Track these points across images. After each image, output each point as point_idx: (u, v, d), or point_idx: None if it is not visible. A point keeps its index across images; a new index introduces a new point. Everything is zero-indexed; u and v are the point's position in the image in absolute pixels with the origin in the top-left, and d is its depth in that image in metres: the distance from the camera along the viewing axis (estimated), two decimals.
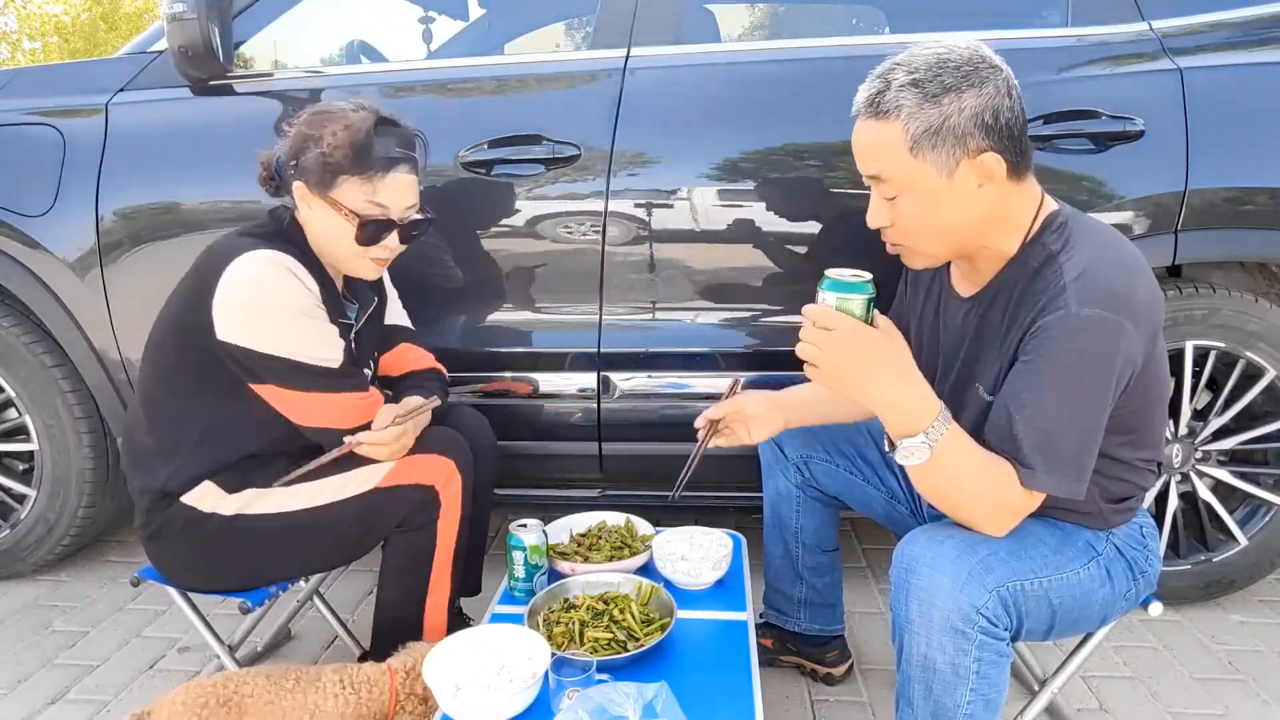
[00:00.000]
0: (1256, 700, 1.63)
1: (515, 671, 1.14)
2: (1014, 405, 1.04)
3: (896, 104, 1.04)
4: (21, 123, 1.88)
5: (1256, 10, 1.71)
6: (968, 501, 1.07)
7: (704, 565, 1.42)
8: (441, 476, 1.39)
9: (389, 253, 1.40)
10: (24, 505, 2.04)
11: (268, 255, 1.30)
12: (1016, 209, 1.11)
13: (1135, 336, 1.01)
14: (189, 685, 1.21)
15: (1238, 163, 1.65)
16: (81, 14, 17.25)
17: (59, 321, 1.88)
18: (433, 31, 2.83)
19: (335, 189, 1.32)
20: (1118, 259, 1.05)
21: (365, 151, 1.31)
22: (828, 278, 1.05)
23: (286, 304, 1.30)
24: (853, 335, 1.02)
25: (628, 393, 1.84)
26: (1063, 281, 1.02)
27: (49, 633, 1.91)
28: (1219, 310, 1.72)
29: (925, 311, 1.32)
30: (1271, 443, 1.82)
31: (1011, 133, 1.05)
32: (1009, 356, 1.10)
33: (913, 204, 1.08)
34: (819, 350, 1.03)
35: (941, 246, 1.13)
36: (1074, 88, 1.67)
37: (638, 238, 1.76)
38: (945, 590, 1.03)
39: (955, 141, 1.03)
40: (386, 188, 1.34)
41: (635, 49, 1.79)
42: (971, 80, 1.03)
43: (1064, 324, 1.01)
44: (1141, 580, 1.21)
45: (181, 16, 1.65)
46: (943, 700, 1.07)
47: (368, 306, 1.52)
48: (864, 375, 1.03)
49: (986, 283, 1.17)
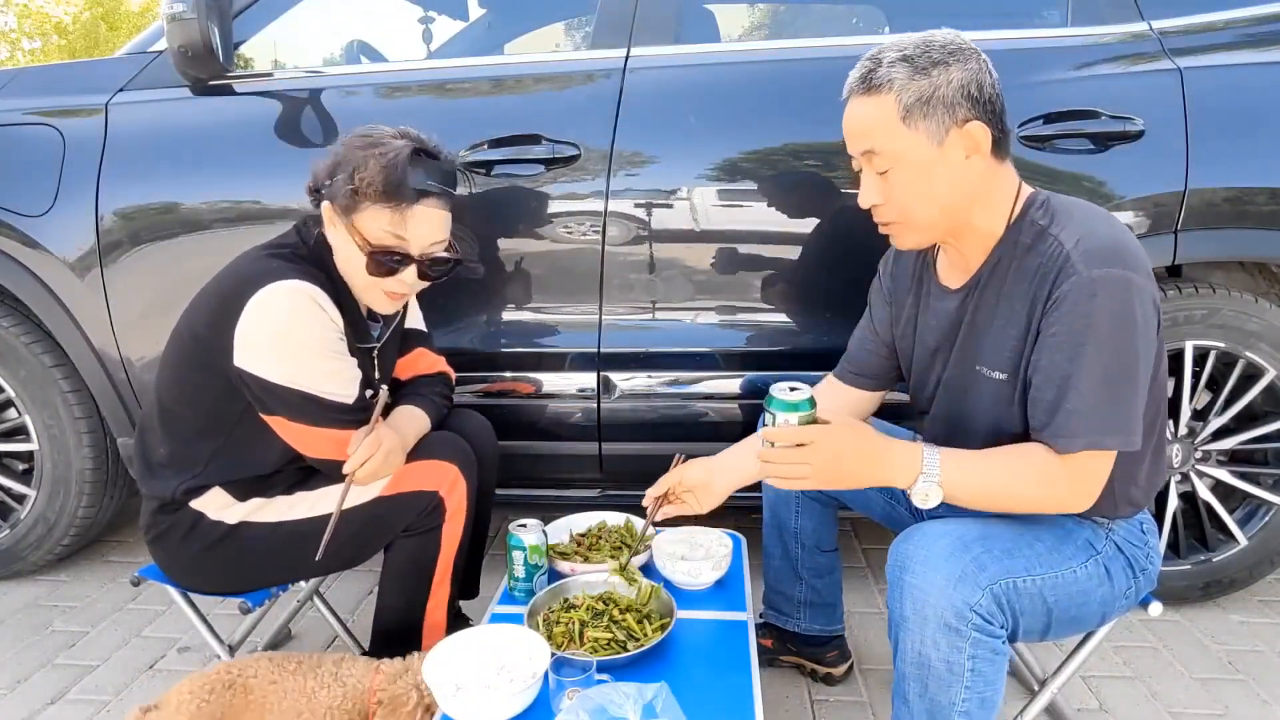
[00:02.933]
0: (1256, 700, 1.63)
1: (515, 671, 1.14)
2: (1057, 377, 1.07)
3: (889, 78, 1.09)
4: (21, 123, 1.88)
5: (1256, 10, 1.71)
6: (1014, 497, 1.10)
7: (704, 565, 1.42)
8: (445, 482, 1.39)
9: (405, 288, 1.36)
10: (24, 505, 2.04)
11: (294, 287, 1.25)
12: (1000, 189, 1.16)
13: (1145, 285, 1.05)
14: (194, 675, 1.23)
15: (1238, 163, 1.65)
16: (82, 13, 17.25)
17: (59, 321, 1.88)
18: (432, 31, 2.83)
19: (358, 214, 1.29)
20: (1104, 220, 1.11)
21: (396, 182, 1.27)
22: (775, 399, 1.11)
23: (308, 337, 1.27)
24: (830, 440, 1.09)
25: (628, 393, 1.84)
26: (1065, 250, 1.07)
27: (49, 633, 1.91)
28: (1219, 310, 1.72)
29: (908, 305, 1.35)
30: (1271, 443, 1.82)
31: (994, 107, 1.11)
32: (1021, 330, 1.13)
33: (905, 175, 1.12)
34: (808, 466, 1.09)
35: (933, 219, 1.16)
36: (1074, 88, 1.67)
37: (637, 238, 1.76)
38: (938, 587, 1.04)
39: (945, 110, 1.08)
40: (411, 220, 1.30)
41: (635, 49, 1.79)
42: (957, 56, 1.10)
43: (1080, 289, 1.04)
44: (1142, 577, 1.21)
45: (181, 16, 1.65)
46: (938, 697, 1.07)
47: (391, 323, 1.50)
48: (856, 467, 1.10)
49: (976, 269, 1.20)
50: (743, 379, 1.82)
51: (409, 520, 1.38)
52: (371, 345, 1.44)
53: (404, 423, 1.43)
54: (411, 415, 1.46)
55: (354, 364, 1.34)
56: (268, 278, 1.25)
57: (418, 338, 1.62)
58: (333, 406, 1.29)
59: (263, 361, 1.26)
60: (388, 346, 1.51)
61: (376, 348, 1.46)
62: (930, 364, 1.31)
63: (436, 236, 1.34)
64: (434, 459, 1.40)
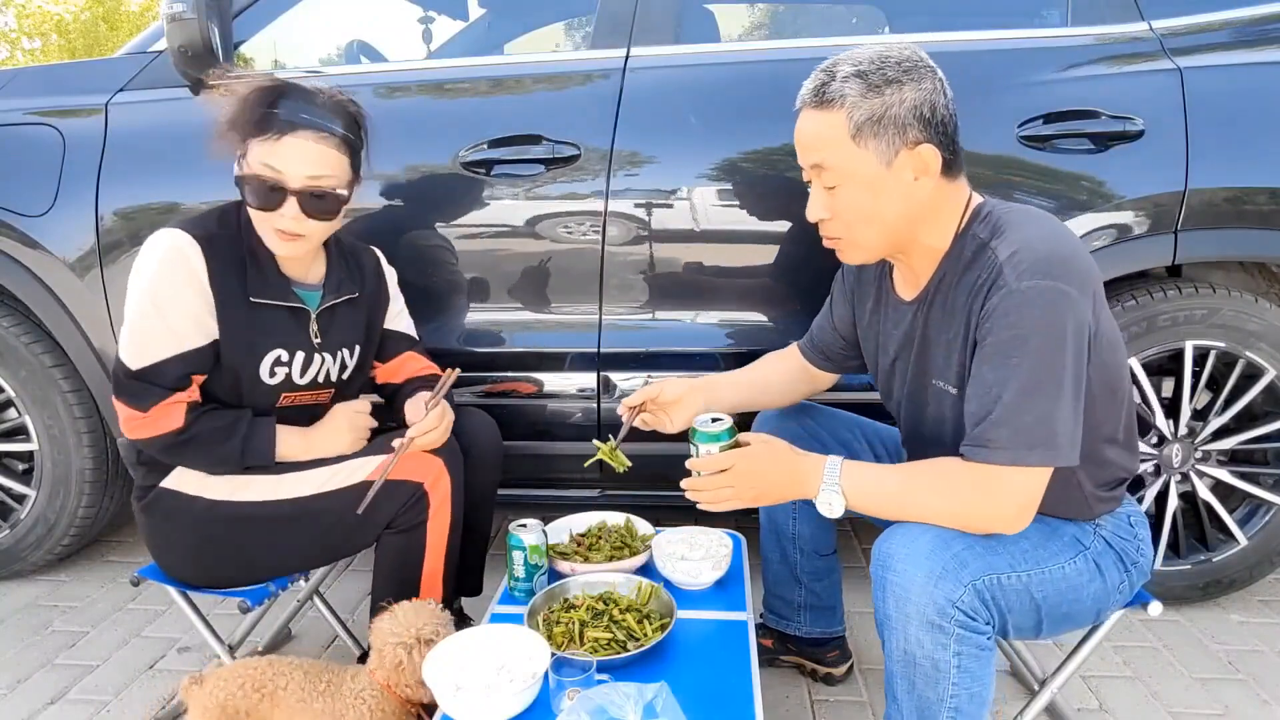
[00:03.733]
0: (1256, 700, 1.63)
1: (515, 671, 1.14)
2: (983, 390, 1.06)
3: (841, 93, 1.09)
4: (21, 123, 1.88)
5: (1256, 10, 1.71)
6: (929, 510, 1.09)
7: (704, 565, 1.42)
8: (430, 475, 1.39)
9: (292, 223, 1.32)
10: (24, 505, 2.04)
11: (165, 233, 1.31)
12: (947, 207, 1.15)
13: (1078, 297, 1.03)
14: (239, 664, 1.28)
15: (1238, 163, 1.65)
16: (83, 13, 17.25)
17: (59, 321, 1.88)
18: (432, 31, 2.83)
19: (246, 155, 1.31)
20: (1045, 232, 1.09)
21: (263, 113, 1.29)
22: (699, 431, 1.22)
23: (146, 282, 1.30)
24: (747, 463, 1.17)
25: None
26: (998, 262, 1.06)
27: (49, 633, 1.91)
28: (1219, 310, 1.72)
29: (869, 311, 1.36)
30: (1271, 443, 1.82)
31: (946, 129, 1.11)
32: (961, 344, 1.13)
33: (852, 193, 1.13)
34: (732, 488, 1.18)
35: (878, 238, 1.17)
36: (1074, 88, 1.67)
37: (637, 238, 1.76)
38: (919, 585, 1.04)
39: (896, 131, 1.08)
40: (280, 150, 1.29)
41: (635, 49, 1.79)
42: (912, 75, 1.09)
43: (1008, 301, 1.04)
44: (1134, 571, 1.21)
45: (181, 16, 1.65)
46: (926, 694, 1.08)
47: (341, 294, 1.47)
48: (774, 483, 1.18)
49: (925, 282, 1.20)
50: None
51: (392, 512, 1.37)
52: (295, 305, 1.41)
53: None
54: None
55: (171, 329, 1.30)
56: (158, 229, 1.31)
57: (404, 342, 1.62)
58: (118, 367, 1.31)
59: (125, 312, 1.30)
60: (342, 315, 1.48)
61: (313, 311, 1.43)
62: (892, 373, 1.32)
63: (313, 170, 1.31)
64: (420, 452, 1.40)
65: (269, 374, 1.39)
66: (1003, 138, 1.66)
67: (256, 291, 1.36)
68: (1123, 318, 1.72)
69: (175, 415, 1.32)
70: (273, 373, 1.39)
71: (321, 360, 1.45)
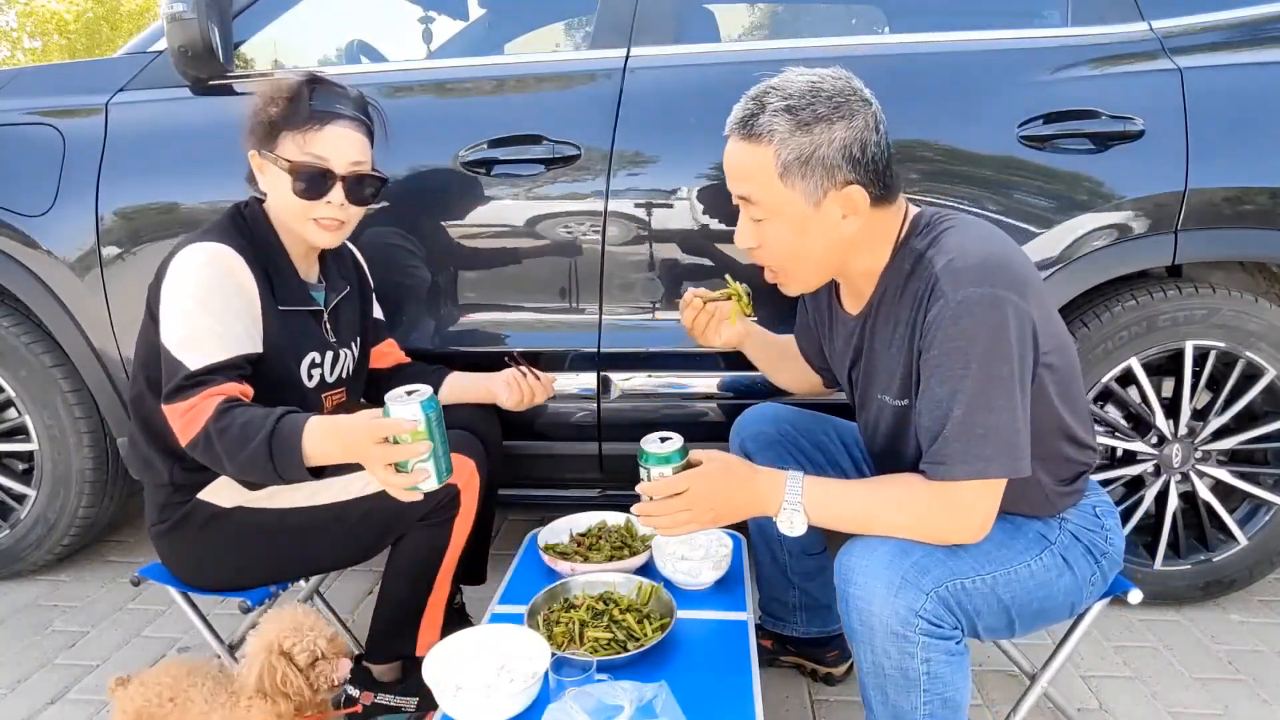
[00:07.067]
0: (1256, 700, 1.63)
1: (515, 671, 1.14)
2: (933, 404, 1.05)
3: (770, 128, 1.06)
4: (21, 123, 1.88)
5: (1256, 10, 1.71)
6: (891, 525, 1.09)
7: (704, 565, 1.42)
8: (464, 476, 1.39)
9: (337, 211, 1.35)
10: (24, 505, 2.04)
11: (205, 246, 1.28)
12: (880, 233, 1.15)
13: (1018, 301, 1.02)
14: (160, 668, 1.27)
15: (1238, 163, 1.65)
16: (84, 13, 17.26)
17: (59, 321, 1.88)
18: (433, 31, 2.83)
19: (278, 147, 1.33)
20: (979, 238, 1.08)
21: (298, 104, 1.31)
22: (648, 453, 1.15)
23: (196, 289, 1.26)
24: (702, 484, 1.12)
25: (628, 392, 1.84)
26: (934, 273, 1.05)
27: (49, 633, 1.91)
28: (1219, 310, 1.72)
29: (827, 327, 1.36)
30: (1271, 442, 1.82)
31: (877, 167, 1.08)
32: (905, 357, 1.12)
33: (779, 229, 1.12)
34: (689, 511, 1.12)
35: (809, 273, 1.17)
36: (1074, 88, 1.67)
37: (637, 237, 1.76)
38: (880, 597, 1.04)
39: (824, 172, 1.06)
40: (323, 139, 1.32)
41: (635, 49, 1.79)
42: (842, 112, 1.06)
43: (945, 312, 1.02)
44: (1104, 561, 1.20)
45: (181, 16, 1.65)
46: (899, 704, 1.08)
47: (339, 290, 1.50)
48: (731, 502, 1.13)
49: (869, 297, 1.20)
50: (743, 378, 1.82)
51: (425, 510, 1.37)
52: (314, 308, 1.43)
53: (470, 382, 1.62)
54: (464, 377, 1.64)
55: (229, 333, 1.26)
56: (189, 242, 1.30)
57: (384, 329, 1.67)
58: (175, 371, 1.23)
59: (166, 323, 1.26)
60: (344, 311, 1.51)
61: (325, 311, 1.46)
62: (850, 385, 1.32)
63: (355, 155, 1.36)
64: (456, 453, 1.39)
65: (308, 378, 1.41)
66: (1003, 138, 1.66)
67: (283, 298, 1.38)
68: (1123, 318, 1.72)
69: (212, 407, 1.22)
70: (310, 376, 1.41)
71: (340, 357, 1.48)
